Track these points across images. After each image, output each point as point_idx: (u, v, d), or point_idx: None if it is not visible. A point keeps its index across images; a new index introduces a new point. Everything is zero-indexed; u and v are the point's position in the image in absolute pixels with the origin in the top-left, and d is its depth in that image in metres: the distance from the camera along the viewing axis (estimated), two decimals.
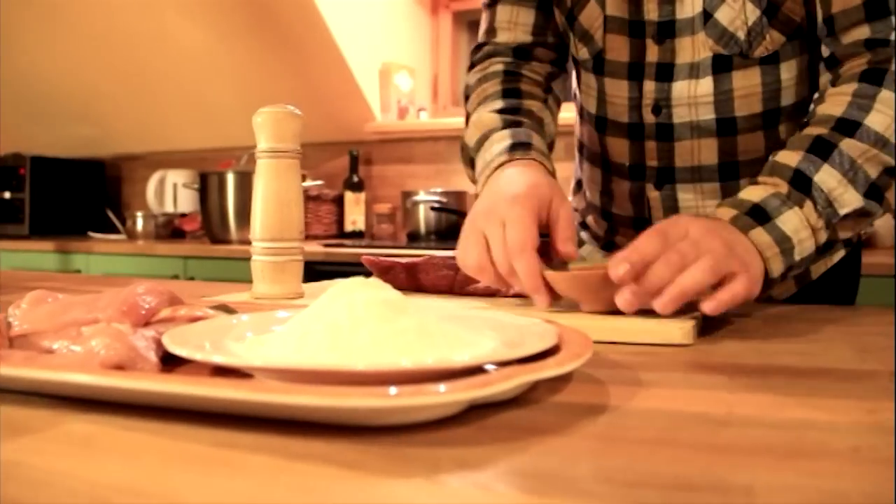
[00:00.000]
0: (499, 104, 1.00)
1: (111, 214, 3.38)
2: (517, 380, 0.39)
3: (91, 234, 3.28)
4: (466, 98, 1.09)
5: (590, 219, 1.18)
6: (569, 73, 1.12)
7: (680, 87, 0.94)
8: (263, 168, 0.85)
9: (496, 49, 1.07)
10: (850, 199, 0.77)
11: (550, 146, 1.02)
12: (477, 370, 0.45)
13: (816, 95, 0.86)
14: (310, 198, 2.84)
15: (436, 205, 2.61)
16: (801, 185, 0.77)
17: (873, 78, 0.80)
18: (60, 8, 3.03)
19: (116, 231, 3.25)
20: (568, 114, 1.21)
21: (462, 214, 2.48)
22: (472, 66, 1.11)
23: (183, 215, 3.05)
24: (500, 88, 1.03)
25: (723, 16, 0.89)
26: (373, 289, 0.50)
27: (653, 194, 1.02)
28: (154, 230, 3.00)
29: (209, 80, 3.07)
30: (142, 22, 2.99)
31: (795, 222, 0.75)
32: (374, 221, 2.85)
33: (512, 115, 0.97)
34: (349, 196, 2.87)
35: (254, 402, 0.38)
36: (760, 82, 0.92)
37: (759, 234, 0.74)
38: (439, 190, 2.72)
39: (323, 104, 2.93)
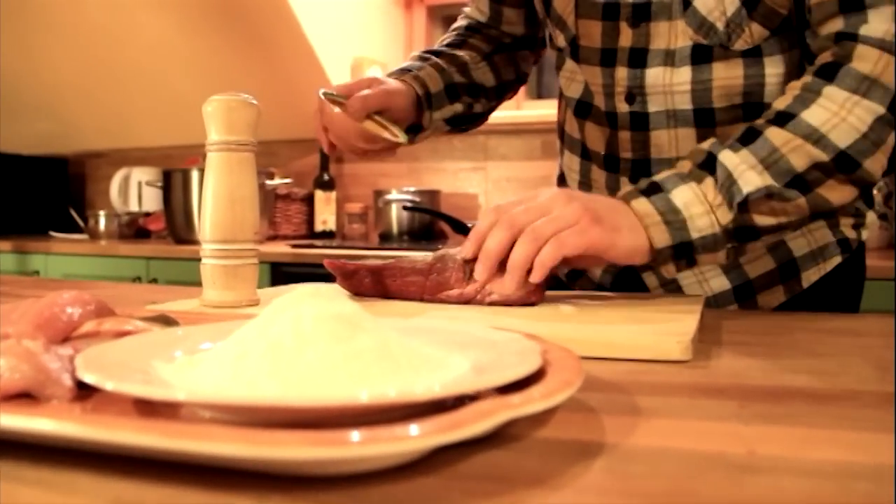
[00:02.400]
0: (432, 47, 1.12)
1: (74, 213, 3.26)
2: (494, 419, 0.32)
3: (52, 233, 3.16)
4: None
5: None
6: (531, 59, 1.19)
7: (654, 74, 0.90)
8: (214, 162, 0.77)
9: (468, 18, 1.17)
10: (752, 178, 0.74)
11: (476, 87, 1.09)
12: (446, 401, 0.37)
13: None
14: (279, 196, 2.75)
15: (408, 204, 2.53)
16: (706, 164, 0.76)
17: (827, 73, 0.77)
18: (21, 0, 2.92)
19: (80, 231, 3.14)
20: (539, 111, 1.21)
21: (436, 214, 2.42)
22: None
23: (147, 214, 2.94)
24: (448, 37, 1.14)
25: (701, 4, 0.85)
26: (324, 300, 0.43)
27: (629, 188, 0.96)
28: (118, 230, 2.89)
29: (176, 74, 2.97)
30: (107, 14, 2.88)
31: (688, 196, 0.75)
32: (346, 221, 2.77)
33: (431, 55, 1.08)
34: (319, 195, 2.78)
35: (163, 449, 0.30)
36: (742, 75, 0.87)
37: (641, 203, 0.75)
38: (412, 189, 2.65)
39: (293, 99, 2.84)
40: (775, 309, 0.95)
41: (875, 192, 2.04)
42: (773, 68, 0.87)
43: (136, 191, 3.04)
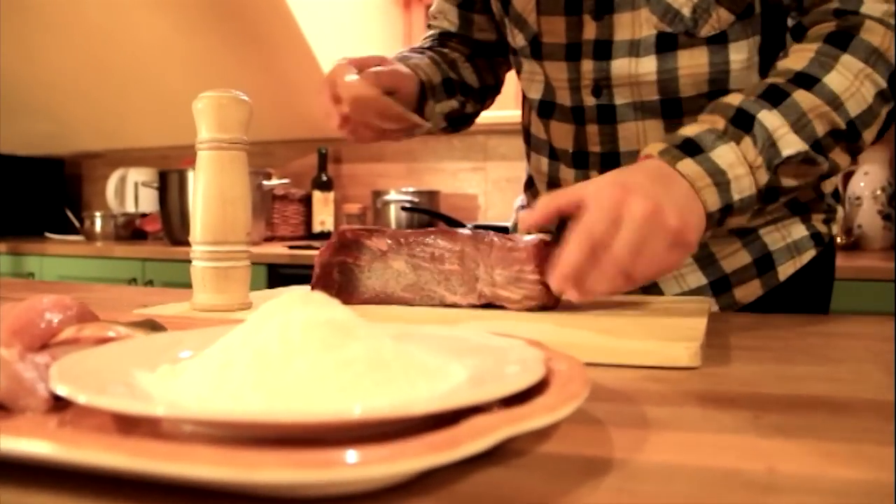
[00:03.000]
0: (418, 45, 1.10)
1: (70, 214, 3.24)
2: (494, 436, 0.29)
3: (48, 234, 3.13)
4: None
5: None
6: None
7: (619, 66, 0.89)
8: (205, 161, 0.75)
9: (436, 29, 1.15)
10: (793, 141, 0.72)
11: (465, 86, 1.08)
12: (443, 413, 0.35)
13: (781, 54, 0.81)
14: (276, 197, 2.72)
15: (407, 204, 2.51)
16: (741, 122, 0.73)
17: (839, 41, 0.77)
18: (16, 0, 2.90)
19: (76, 232, 3.11)
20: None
21: (435, 215, 2.39)
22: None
23: (144, 215, 2.91)
24: (427, 41, 1.12)
25: None
26: (314, 306, 0.40)
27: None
28: (114, 231, 2.86)
29: (173, 74, 2.94)
30: (104, 14, 2.86)
31: (731, 157, 0.71)
32: (344, 222, 2.74)
33: (423, 50, 1.07)
34: (317, 195, 2.75)
35: (134, 471, 0.27)
36: (707, 62, 0.87)
37: (689, 164, 0.70)
38: (411, 189, 2.62)
39: (291, 100, 2.82)
40: (753, 303, 0.94)
41: (879, 191, 2.02)
42: (738, 54, 0.87)
43: (132, 192, 3.01)
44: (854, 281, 1.69)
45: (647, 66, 0.88)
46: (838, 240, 2.00)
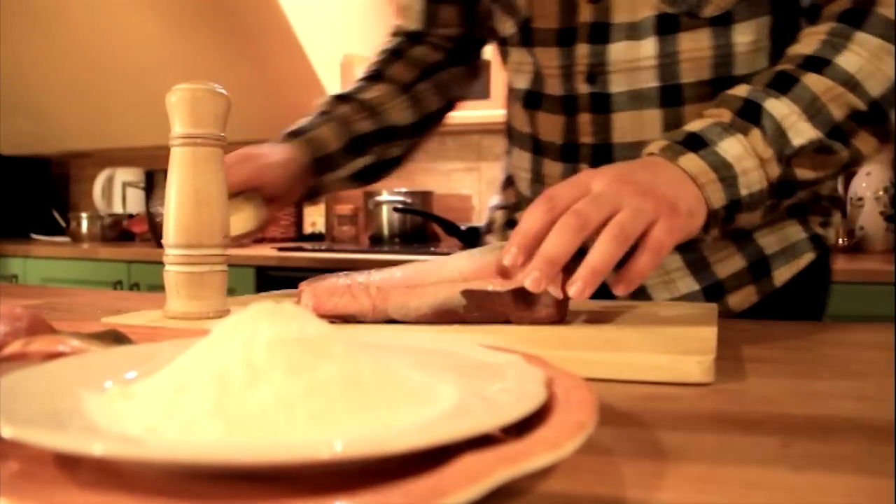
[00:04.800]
0: (342, 91, 1.02)
1: (57, 215, 3.18)
2: (487, 482, 0.25)
3: (34, 236, 3.07)
4: None
5: (521, 213, 1.05)
6: (482, 69, 1.12)
7: (617, 50, 0.83)
8: (178, 158, 0.70)
9: (397, 30, 1.08)
10: (805, 129, 0.67)
11: (390, 130, 1.02)
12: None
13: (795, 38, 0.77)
14: None
15: (399, 205, 2.46)
16: (748, 113, 0.68)
17: (853, 18, 0.72)
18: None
19: (62, 233, 3.05)
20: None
21: (428, 216, 2.34)
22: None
23: (131, 216, 2.86)
24: (366, 70, 1.05)
25: None
26: (284, 320, 0.35)
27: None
28: (100, 232, 2.81)
29: (161, 73, 2.88)
30: (91, 12, 2.80)
31: (738, 149, 0.67)
32: (335, 223, 2.69)
33: (337, 102, 1.00)
34: None
35: None
36: (710, 45, 0.81)
37: (691, 159, 0.66)
38: (403, 190, 2.57)
39: (281, 98, 2.77)
40: (747, 311, 0.89)
41: (882, 192, 1.98)
42: (743, 36, 0.81)
43: (119, 192, 2.96)
44: (856, 284, 1.65)
45: (647, 49, 0.82)
46: (840, 241, 1.96)
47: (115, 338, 0.53)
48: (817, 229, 0.92)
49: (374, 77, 1.04)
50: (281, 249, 2.21)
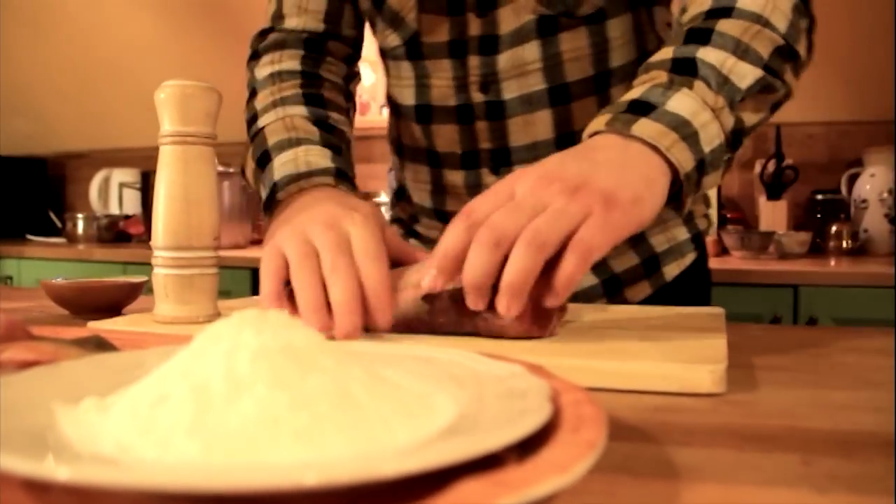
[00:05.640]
0: (305, 111, 0.86)
1: (53, 216, 3.15)
2: None
3: (30, 236, 3.04)
4: (251, 94, 0.92)
5: (420, 225, 1.05)
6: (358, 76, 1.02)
7: (506, 58, 0.87)
8: (167, 156, 0.67)
9: (286, 38, 0.94)
10: (746, 70, 0.63)
11: (347, 155, 0.87)
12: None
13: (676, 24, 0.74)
14: None
15: None
16: (683, 68, 0.63)
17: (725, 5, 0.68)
18: None
19: (59, 234, 3.02)
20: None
21: None
22: (255, 56, 0.96)
23: (127, 217, 2.83)
24: (299, 92, 0.89)
25: None
26: (270, 329, 0.33)
27: (490, 180, 0.92)
28: (96, 233, 2.78)
29: (158, 73, 2.85)
30: (88, 12, 2.78)
31: (689, 104, 0.61)
32: None
33: (327, 133, 0.84)
34: None
35: None
36: (588, 43, 0.86)
37: (645, 125, 0.59)
38: None
39: None
40: (641, 302, 0.96)
41: (886, 194, 1.95)
42: (615, 31, 0.87)
43: (116, 193, 2.93)
44: (859, 287, 1.62)
45: (532, 53, 0.86)
46: (844, 244, 1.94)
47: (98, 344, 0.51)
48: (700, 222, 1.00)
49: (320, 102, 0.90)
50: None
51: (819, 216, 2.10)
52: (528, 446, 0.28)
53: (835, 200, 2.10)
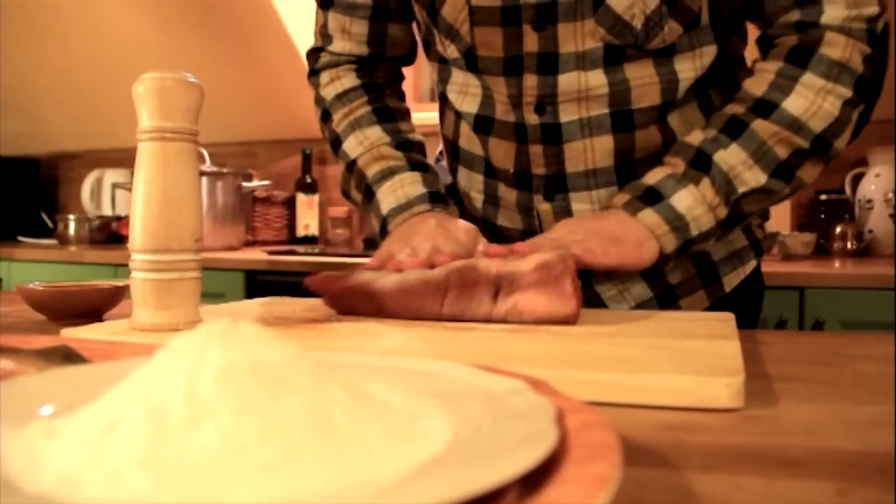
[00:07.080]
0: (384, 136, 0.94)
1: (45, 217, 3.11)
2: None
3: (21, 238, 3.00)
4: (325, 115, 0.99)
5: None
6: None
7: (568, 80, 0.84)
8: (146, 154, 0.64)
9: (338, 59, 1.00)
10: (750, 178, 0.78)
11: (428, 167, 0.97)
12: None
13: (753, 63, 0.85)
14: (258, 200, 2.61)
15: None
16: (700, 163, 0.79)
17: (799, 58, 0.79)
18: None
19: (51, 235, 2.98)
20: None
21: None
22: (314, 73, 1.02)
23: (120, 218, 2.79)
24: (369, 110, 0.96)
25: (617, 2, 0.79)
26: (241, 344, 0.29)
27: (543, 207, 0.90)
28: (88, 234, 2.74)
29: (152, 71, 2.82)
30: (80, 11, 2.74)
31: (689, 200, 0.78)
32: (329, 226, 2.62)
33: (408, 151, 0.94)
34: (301, 198, 2.64)
35: None
36: (655, 72, 0.84)
37: (649, 214, 0.78)
38: None
39: (274, 98, 2.71)
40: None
41: (891, 194, 1.92)
42: (683, 65, 0.84)
43: (109, 193, 2.89)
44: (864, 290, 1.59)
45: (597, 79, 0.83)
46: (849, 245, 1.90)
47: (65, 356, 0.47)
48: (757, 231, 0.97)
49: (389, 115, 0.96)
50: (272, 253, 2.14)
51: (823, 217, 2.06)
52: (530, 479, 0.25)
53: (839, 201, 2.06)
